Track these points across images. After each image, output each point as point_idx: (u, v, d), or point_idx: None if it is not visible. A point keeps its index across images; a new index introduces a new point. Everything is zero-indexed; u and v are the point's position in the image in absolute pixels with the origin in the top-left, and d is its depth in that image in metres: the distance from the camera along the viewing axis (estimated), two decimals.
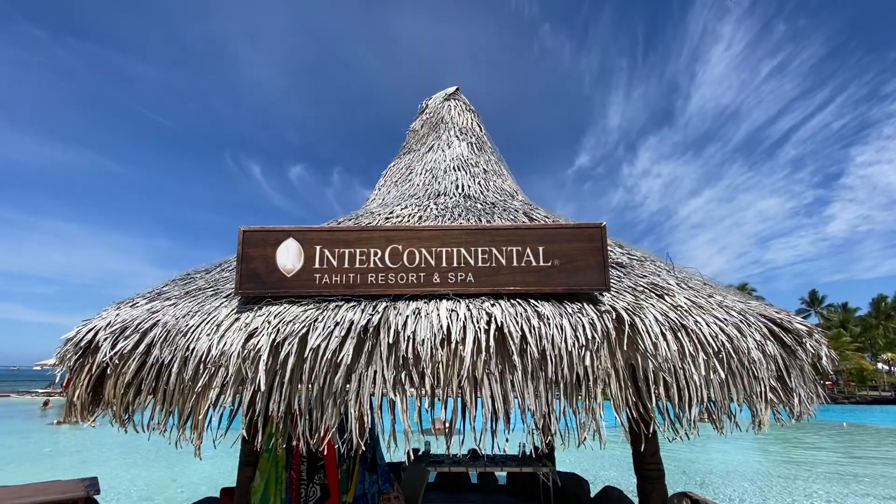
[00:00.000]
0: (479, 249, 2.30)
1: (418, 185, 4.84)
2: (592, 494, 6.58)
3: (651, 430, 2.09)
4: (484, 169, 5.11)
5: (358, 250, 2.30)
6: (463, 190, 4.60)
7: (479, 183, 4.83)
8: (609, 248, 3.38)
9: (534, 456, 6.16)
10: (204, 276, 3.13)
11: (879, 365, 50.85)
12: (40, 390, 33.86)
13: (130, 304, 2.70)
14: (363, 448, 3.71)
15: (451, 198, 4.39)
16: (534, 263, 2.27)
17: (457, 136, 5.50)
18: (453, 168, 4.97)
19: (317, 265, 2.28)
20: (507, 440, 2.00)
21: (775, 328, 2.55)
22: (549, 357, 1.97)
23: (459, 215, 3.78)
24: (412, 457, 2.22)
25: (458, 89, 6.29)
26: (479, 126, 5.99)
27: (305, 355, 2.00)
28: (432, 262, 2.29)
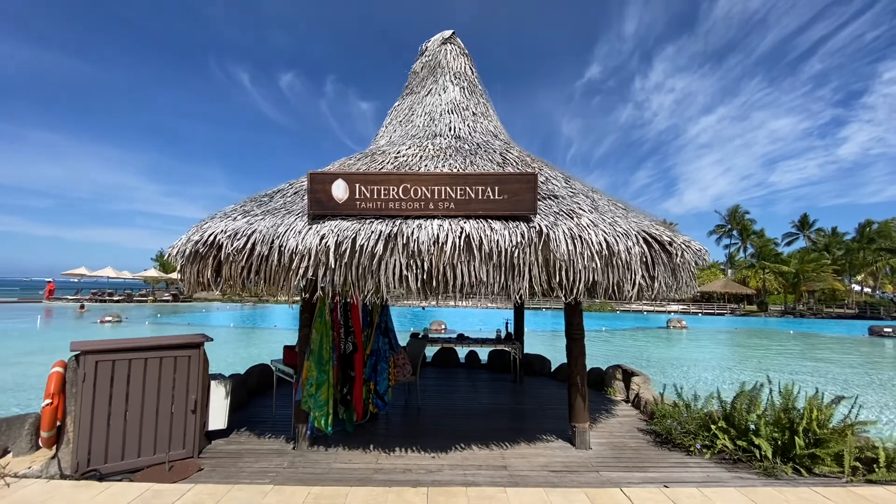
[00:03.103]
0: (458, 188, 3.64)
1: (419, 126, 5.98)
2: (552, 370, 8.57)
3: (553, 296, 3.59)
4: (473, 112, 6.20)
5: (382, 187, 3.65)
6: (455, 131, 5.76)
7: (468, 125, 5.96)
8: (556, 181, 4.71)
9: (507, 338, 7.97)
10: (269, 202, 4.47)
11: (854, 286, 53.97)
12: (70, 297, 36.75)
13: (230, 218, 4.09)
14: (379, 318, 5.35)
15: (444, 139, 5.57)
16: (492, 197, 3.63)
17: (451, 81, 6.49)
18: (447, 111, 6.07)
19: (357, 196, 3.64)
20: (470, 300, 3.49)
21: (649, 238, 3.97)
22: (494, 252, 3.42)
23: (450, 155, 5.01)
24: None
25: (453, 33, 7.10)
26: (472, 69, 6.92)
27: (355, 249, 3.44)
28: (429, 196, 3.64)
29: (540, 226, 3.59)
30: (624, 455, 4.58)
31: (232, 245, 3.72)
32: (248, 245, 3.73)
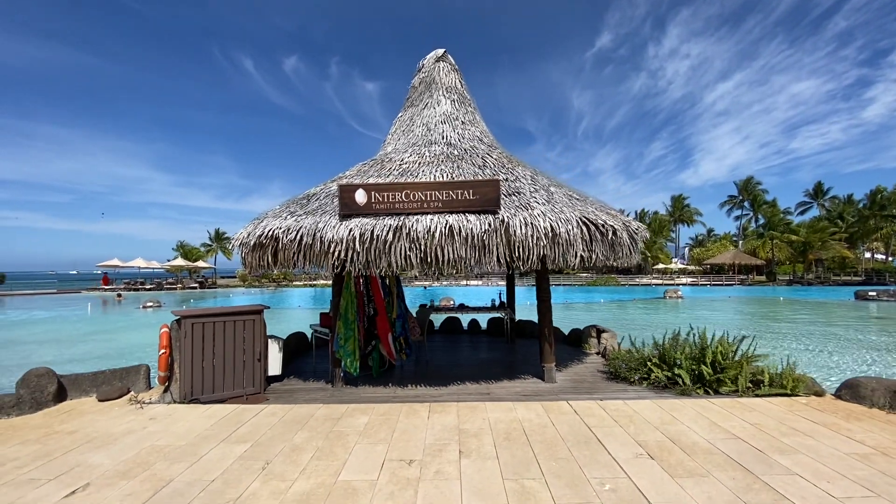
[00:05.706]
0: (444, 192, 5.09)
1: (418, 135, 7.38)
2: None
3: (519, 270, 5.06)
4: (462, 121, 7.57)
5: (390, 193, 5.11)
6: (447, 139, 7.15)
7: (458, 132, 7.34)
8: (524, 179, 6.10)
9: (500, 306, 9.45)
10: (307, 204, 5.97)
11: (866, 253, 53.96)
12: (105, 286, 39.36)
13: (281, 217, 5.61)
14: (395, 288, 6.88)
15: (439, 146, 6.97)
16: (468, 198, 5.07)
17: (444, 95, 7.85)
18: (441, 122, 7.45)
19: (373, 201, 5.12)
20: (455, 271, 4.98)
21: (587, 222, 5.38)
22: (469, 237, 4.89)
23: (442, 161, 6.43)
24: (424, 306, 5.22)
25: (445, 52, 8.40)
26: (461, 83, 8.25)
27: (373, 238, 4.94)
28: (423, 198, 5.10)
29: (503, 216, 5.04)
30: (580, 386, 6.09)
31: (287, 237, 5.26)
32: (298, 237, 5.26)
